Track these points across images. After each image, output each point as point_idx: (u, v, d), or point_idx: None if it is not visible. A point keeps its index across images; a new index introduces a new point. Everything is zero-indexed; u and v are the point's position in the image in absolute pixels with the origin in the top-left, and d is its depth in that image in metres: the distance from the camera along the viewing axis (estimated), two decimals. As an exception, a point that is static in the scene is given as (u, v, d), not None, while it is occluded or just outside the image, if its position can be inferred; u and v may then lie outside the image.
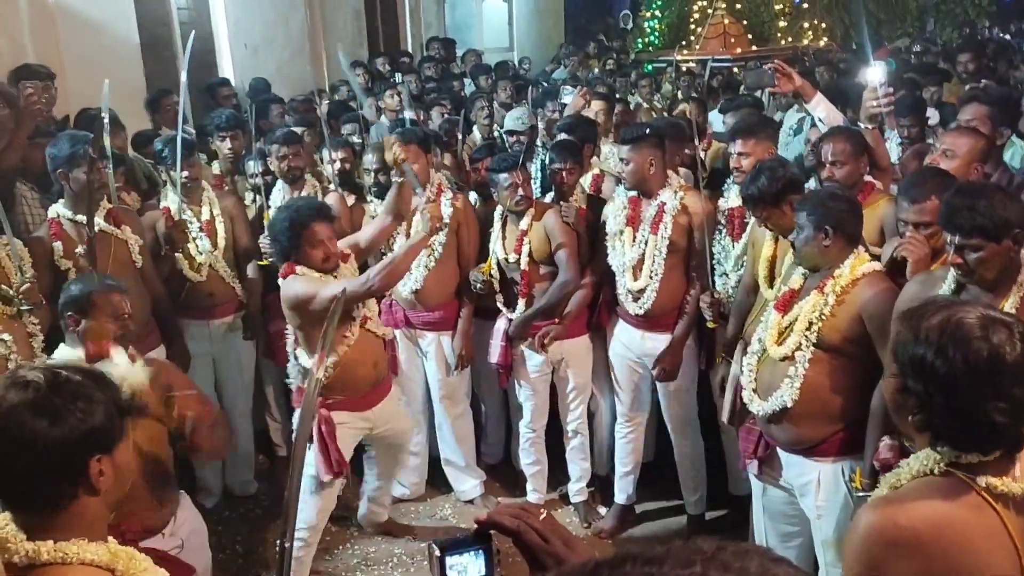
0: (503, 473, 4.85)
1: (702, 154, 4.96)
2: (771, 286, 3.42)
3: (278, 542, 2.10)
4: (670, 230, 3.87)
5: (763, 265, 3.52)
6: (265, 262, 4.34)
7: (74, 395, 1.58)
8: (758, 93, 6.56)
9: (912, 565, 1.59)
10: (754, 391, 3.08)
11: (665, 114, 6.94)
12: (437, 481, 4.69)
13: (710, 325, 3.90)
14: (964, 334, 1.60)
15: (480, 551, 1.15)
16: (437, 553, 1.14)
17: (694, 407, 4.22)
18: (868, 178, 3.59)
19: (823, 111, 3.98)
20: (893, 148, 4.69)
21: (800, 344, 2.91)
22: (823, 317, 2.88)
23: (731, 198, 3.99)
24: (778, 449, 3.11)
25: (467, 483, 4.62)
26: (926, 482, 1.67)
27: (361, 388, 3.70)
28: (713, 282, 3.90)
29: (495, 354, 4.33)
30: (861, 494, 2.77)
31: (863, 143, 3.59)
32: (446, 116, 6.26)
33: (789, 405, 2.93)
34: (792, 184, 3.34)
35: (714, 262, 3.97)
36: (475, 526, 1.17)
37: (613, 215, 4.09)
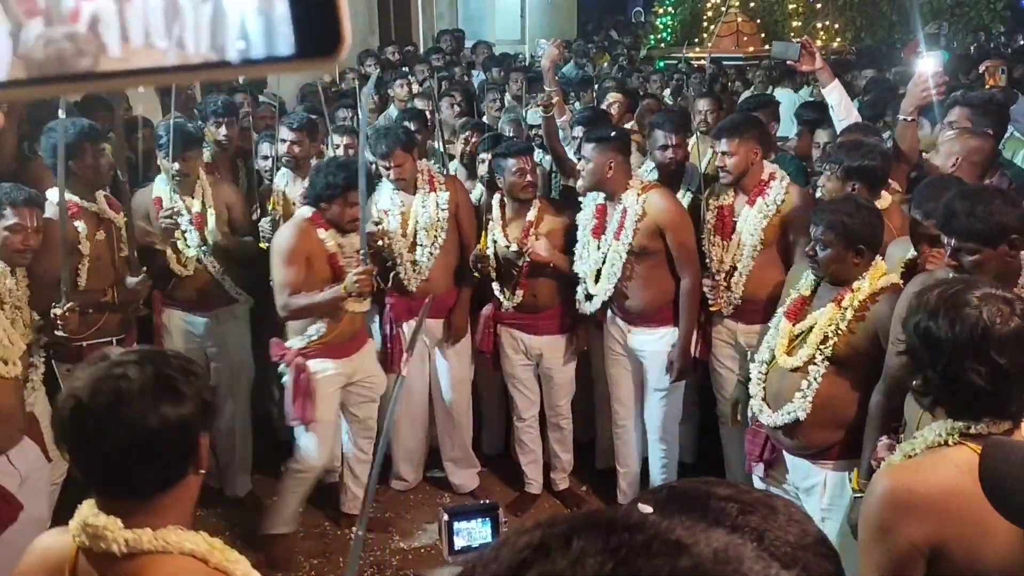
0: (501, 464, 4.85)
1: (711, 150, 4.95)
2: None
3: (353, 530, 2.01)
4: (631, 236, 3.84)
5: None
6: (264, 244, 4.31)
7: (184, 371, 1.55)
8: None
9: (922, 529, 1.68)
10: (763, 400, 3.06)
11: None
12: (435, 473, 4.70)
13: (713, 308, 3.88)
14: (958, 302, 1.74)
15: (487, 519, 1.17)
16: (445, 518, 1.17)
17: (678, 411, 4.19)
18: None
19: (836, 97, 4.00)
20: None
21: (814, 357, 2.90)
22: (839, 332, 2.86)
23: (721, 197, 3.95)
24: (784, 452, 3.11)
25: (464, 475, 4.62)
26: (940, 452, 1.77)
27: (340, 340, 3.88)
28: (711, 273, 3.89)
29: (479, 340, 4.36)
30: (859, 495, 2.78)
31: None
32: (456, 107, 6.24)
33: (802, 419, 2.93)
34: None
35: (706, 260, 3.94)
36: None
37: (583, 224, 4.06)
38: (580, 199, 4.17)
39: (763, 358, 3.11)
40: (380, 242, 4.19)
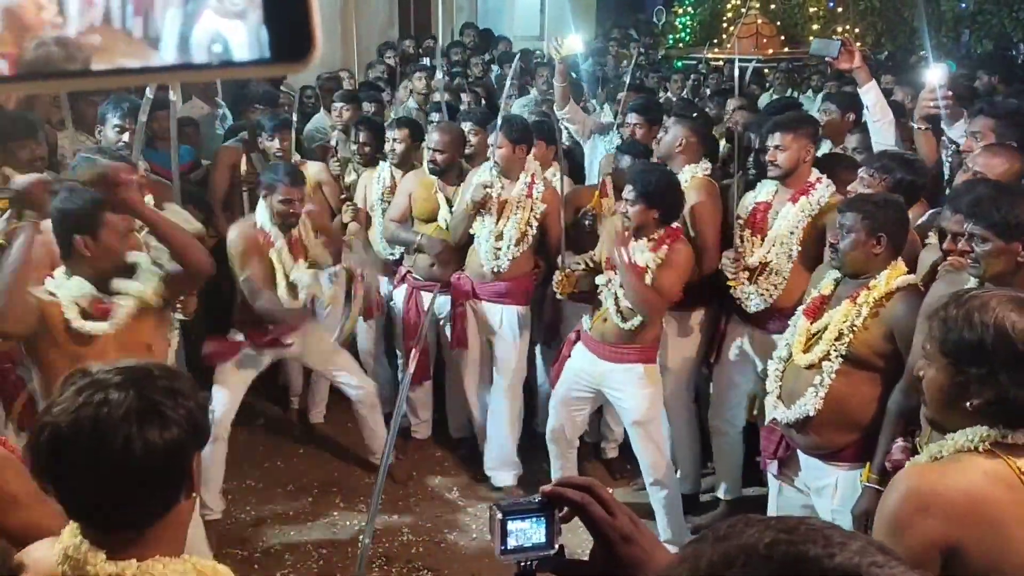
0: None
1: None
2: None
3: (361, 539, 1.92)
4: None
5: None
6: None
7: (170, 391, 1.44)
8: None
9: (940, 529, 1.66)
10: (778, 397, 3.06)
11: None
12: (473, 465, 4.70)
13: (731, 284, 3.79)
14: (1013, 314, 1.69)
15: (542, 518, 1.11)
16: (499, 516, 1.10)
17: (689, 394, 4.24)
18: None
19: (872, 99, 3.94)
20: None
21: (828, 354, 2.88)
22: (854, 329, 2.85)
23: (760, 192, 3.90)
24: (798, 451, 3.10)
25: (503, 476, 4.55)
26: (968, 456, 1.74)
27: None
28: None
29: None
30: (868, 486, 2.80)
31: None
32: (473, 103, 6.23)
33: (812, 415, 2.92)
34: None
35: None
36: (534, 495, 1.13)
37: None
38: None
39: (781, 355, 3.11)
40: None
